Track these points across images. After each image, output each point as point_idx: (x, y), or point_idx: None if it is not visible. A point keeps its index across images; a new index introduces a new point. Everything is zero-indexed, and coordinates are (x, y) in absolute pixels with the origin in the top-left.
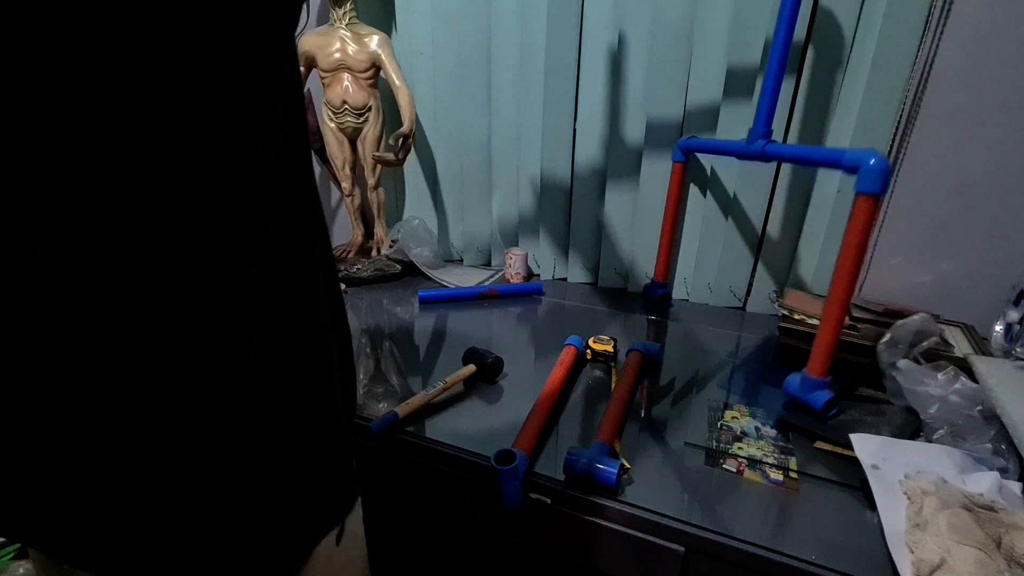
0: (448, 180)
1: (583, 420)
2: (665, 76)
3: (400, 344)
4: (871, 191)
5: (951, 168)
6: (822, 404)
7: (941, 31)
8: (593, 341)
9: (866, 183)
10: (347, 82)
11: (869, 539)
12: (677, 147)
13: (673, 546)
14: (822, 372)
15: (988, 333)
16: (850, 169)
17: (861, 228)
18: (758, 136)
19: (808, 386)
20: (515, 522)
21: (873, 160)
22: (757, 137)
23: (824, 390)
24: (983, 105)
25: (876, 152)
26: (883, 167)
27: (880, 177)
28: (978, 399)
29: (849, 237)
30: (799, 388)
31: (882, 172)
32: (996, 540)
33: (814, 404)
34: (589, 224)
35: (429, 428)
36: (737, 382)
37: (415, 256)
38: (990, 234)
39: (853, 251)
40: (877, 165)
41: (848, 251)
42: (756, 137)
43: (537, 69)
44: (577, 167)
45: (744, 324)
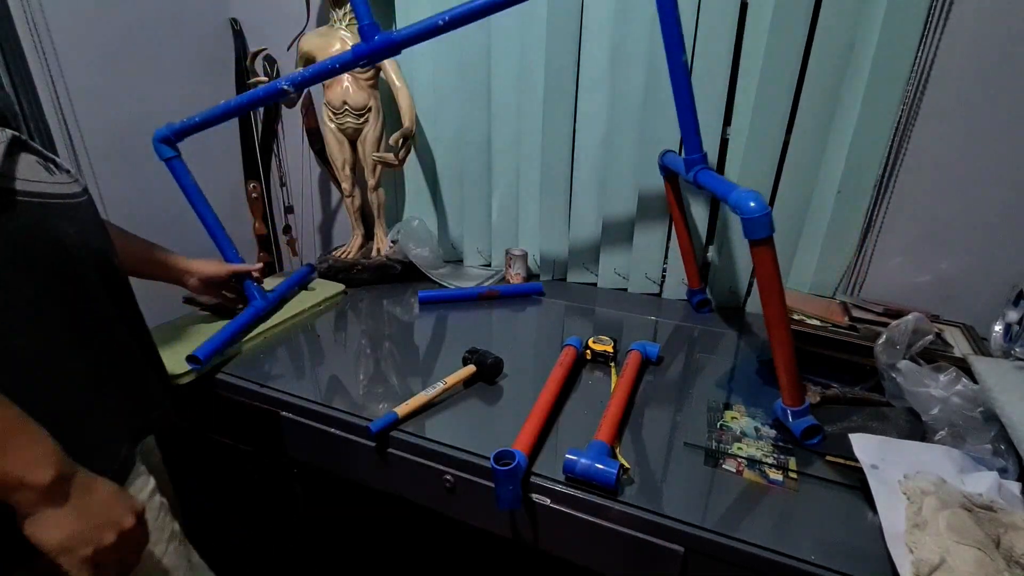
0: (448, 180)
1: (583, 420)
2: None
3: (400, 344)
4: (754, 237)
5: (951, 168)
6: (800, 431)
7: (941, 31)
8: (593, 341)
9: (749, 230)
10: (347, 83)
11: (868, 539)
12: (659, 163)
13: (673, 546)
14: (796, 400)
15: (987, 333)
16: (736, 212)
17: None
18: (693, 163)
19: (788, 414)
20: (515, 522)
21: (753, 202)
22: (693, 164)
23: (804, 418)
24: (983, 105)
25: (755, 194)
26: (760, 212)
27: (761, 223)
28: (979, 400)
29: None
30: (782, 413)
31: (762, 216)
32: (995, 540)
33: (794, 430)
34: (589, 224)
35: (429, 428)
36: (737, 382)
37: (415, 256)
38: (990, 234)
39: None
40: (757, 209)
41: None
42: (692, 164)
43: (537, 69)
44: (577, 167)
45: (744, 324)
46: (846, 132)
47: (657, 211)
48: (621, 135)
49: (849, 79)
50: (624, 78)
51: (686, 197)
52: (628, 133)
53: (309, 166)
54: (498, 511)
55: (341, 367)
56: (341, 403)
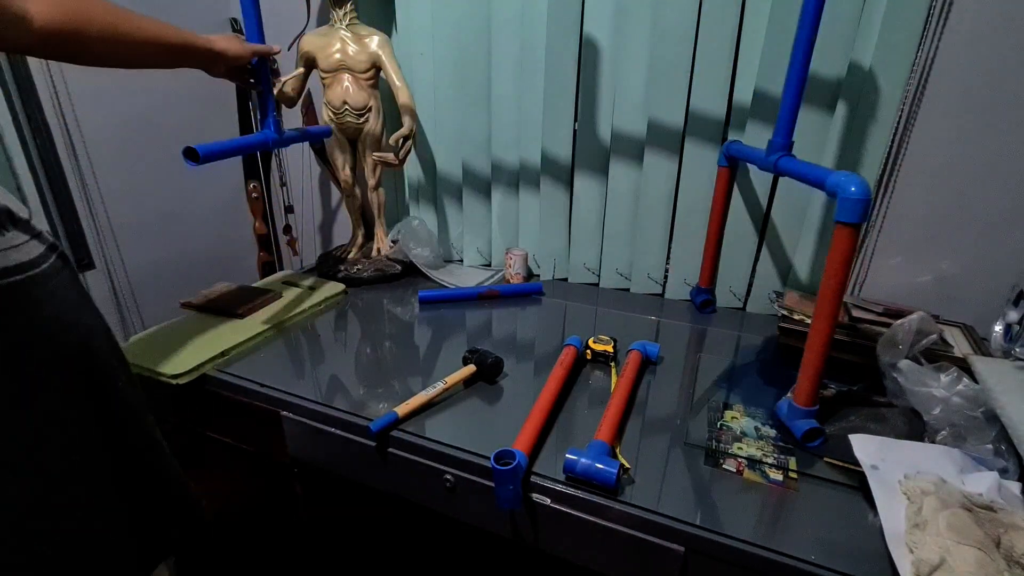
0: (448, 180)
1: (583, 420)
2: (666, 76)
3: (400, 344)
4: (846, 220)
5: (951, 168)
6: (801, 433)
7: (941, 31)
8: (593, 341)
9: (843, 211)
10: (347, 82)
11: (869, 539)
12: (721, 152)
13: (673, 546)
14: (807, 401)
15: (988, 333)
16: (831, 194)
17: (839, 260)
18: (777, 148)
19: (793, 413)
20: (515, 522)
21: (853, 187)
22: (776, 149)
23: (807, 419)
24: (983, 105)
25: (857, 178)
26: (861, 196)
27: (857, 207)
28: (981, 400)
29: (828, 268)
30: (786, 414)
31: (860, 202)
32: (995, 540)
33: (795, 431)
34: (589, 224)
35: (429, 428)
36: (737, 382)
37: (415, 256)
38: (990, 234)
39: (831, 281)
40: (857, 192)
41: (827, 282)
42: (775, 149)
43: (537, 69)
44: (577, 167)
45: (744, 324)
46: (846, 132)
47: (660, 211)
48: (622, 134)
49: (849, 79)
50: (625, 77)
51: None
52: (629, 132)
53: (309, 166)
54: (498, 511)
55: (341, 367)
56: (341, 403)
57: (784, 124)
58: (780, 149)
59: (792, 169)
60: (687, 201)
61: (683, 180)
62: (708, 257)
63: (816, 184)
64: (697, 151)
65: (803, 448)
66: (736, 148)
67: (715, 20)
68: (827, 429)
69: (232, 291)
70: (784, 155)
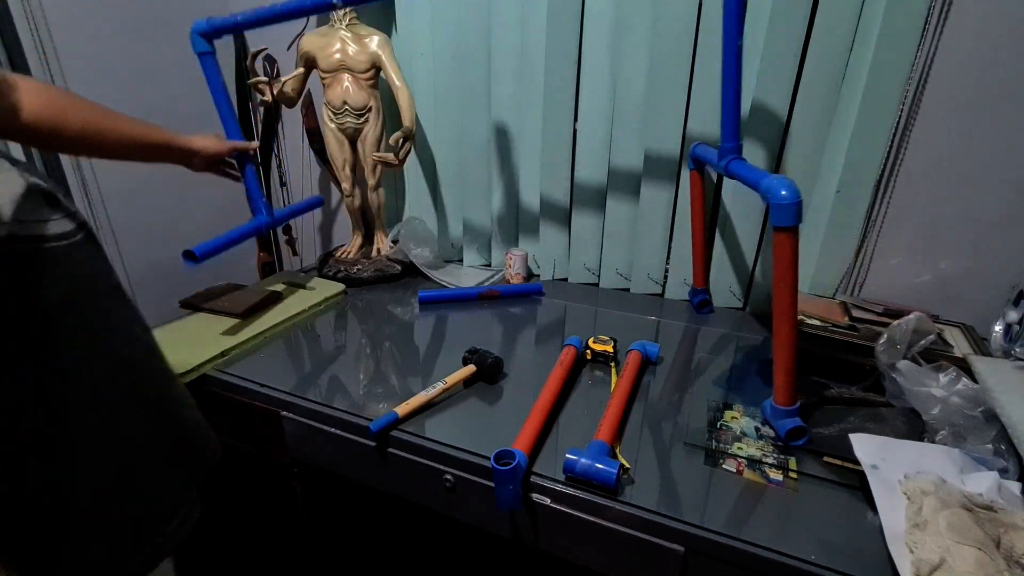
0: (448, 180)
1: (583, 420)
2: (666, 76)
3: (400, 344)
4: (780, 225)
5: (951, 168)
6: (785, 432)
7: (941, 31)
8: (593, 341)
9: (776, 216)
10: (347, 83)
11: (869, 539)
12: (690, 155)
13: (673, 546)
14: (787, 400)
15: (988, 333)
16: (764, 199)
17: (783, 265)
18: (726, 152)
19: (776, 413)
20: (515, 522)
21: (784, 191)
22: (725, 153)
23: (790, 418)
24: (982, 105)
25: (786, 181)
26: (791, 200)
27: (789, 211)
28: (980, 400)
29: (776, 273)
30: (770, 414)
31: (792, 205)
32: (995, 540)
33: (779, 431)
34: (589, 224)
35: (429, 428)
36: (737, 382)
37: (415, 256)
38: (990, 234)
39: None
40: (788, 197)
41: (777, 286)
42: (724, 154)
43: (537, 69)
44: (577, 167)
45: (744, 324)
46: (845, 132)
47: (660, 211)
48: (622, 134)
49: (848, 79)
50: (625, 77)
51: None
52: (629, 132)
53: (309, 166)
54: (498, 511)
55: (341, 367)
56: (341, 403)
57: (729, 127)
58: (729, 153)
59: (738, 172)
60: (686, 200)
61: (683, 180)
62: (697, 258)
63: (754, 187)
64: None
65: (790, 447)
66: (700, 151)
67: (715, 17)
68: (828, 430)
69: (232, 291)
70: (734, 159)
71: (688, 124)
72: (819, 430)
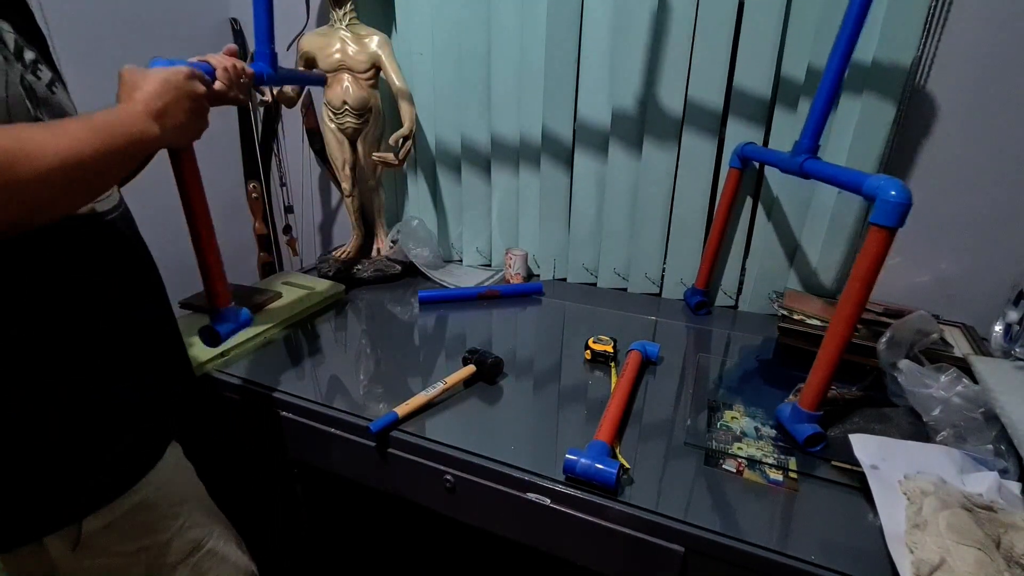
0: (448, 180)
1: (583, 420)
2: (665, 77)
3: (400, 344)
4: (882, 223)
5: (951, 168)
6: (804, 438)
7: (941, 31)
8: (593, 341)
9: (879, 214)
10: (347, 83)
11: (869, 539)
12: (735, 153)
13: (673, 546)
14: (813, 405)
15: (988, 333)
16: (868, 198)
17: (870, 262)
18: (802, 151)
19: (796, 416)
20: (515, 522)
21: (893, 191)
22: (801, 151)
23: (810, 424)
24: (982, 105)
25: (898, 183)
26: (902, 200)
27: (896, 210)
28: (980, 401)
29: (857, 269)
30: (788, 417)
31: (900, 206)
32: (995, 540)
33: (797, 436)
34: (589, 224)
35: (429, 428)
36: (737, 382)
37: (415, 256)
38: (990, 234)
39: (858, 283)
40: (897, 197)
41: (854, 283)
42: (800, 151)
43: (537, 69)
44: (577, 167)
45: (744, 324)
46: (846, 131)
47: (657, 211)
48: (621, 134)
49: (849, 78)
50: (624, 77)
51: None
52: (628, 132)
53: (309, 166)
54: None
55: (341, 367)
56: (341, 403)
57: (812, 126)
58: (806, 151)
59: (821, 172)
60: (683, 200)
61: (680, 179)
62: (708, 259)
63: (850, 188)
64: (694, 151)
65: (806, 452)
66: (752, 150)
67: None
68: (830, 431)
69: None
70: (809, 157)
71: (685, 124)
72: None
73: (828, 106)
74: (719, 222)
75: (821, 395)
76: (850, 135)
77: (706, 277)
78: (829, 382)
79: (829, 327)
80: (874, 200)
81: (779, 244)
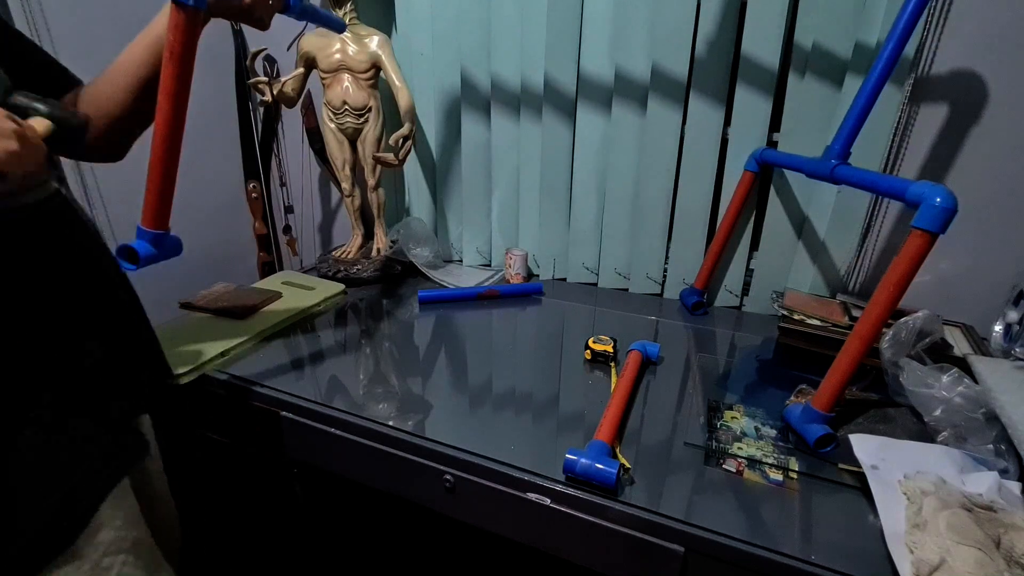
0: (448, 180)
1: (583, 420)
2: (665, 77)
3: (400, 344)
4: (927, 228)
5: (951, 168)
6: (815, 439)
7: (941, 31)
8: (593, 341)
9: (925, 219)
10: (347, 83)
11: (869, 539)
12: (753, 157)
13: (673, 546)
14: (827, 407)
15: (987, 333)
16: (912, 204)
17: (908, 265)
18: (833, 156)
19: (808, 416)
20: (515, 522)
21: (939, 198)
22: (832, 157)
23: (822, 424)
24: (982, 105)
25: (944, 189)
26: (948, 206)
27: (941, 216)
28: (982, 401)
29: (893, 272)
30: (798, 418)
31: (945, 211)
32: (995, 540)
33: (807, 437)
34: (589, 224)
35: (429, 428)
36: (737, 382)
37: (415, 256)
38: (990, 234)
39: (892, 287)
40: (943, 203)
41: (887, 286)
42: (831, 156)
43: (537, 68)
44: (577, 167)
45: (744, 324)
46: None
47: (658, 211)
48: (621, 135)
49: (848, 78)
50: (625, 78)
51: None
52: (628, 133)
53: (309, 166)
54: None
55: (341, 367)
56: (341, 403)
57: (847, 131)
58: (837, 156)
59: (855, 178)
60: (686, 200)
61: (681, 178)
62: (711, 259)
63: (892, 195)
64: (695, 151)
65: (816, 454)
66: (772, 155)
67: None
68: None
69: (232, 291)
70: (840, 164)
71: (687, 124)
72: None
73: (866, 112)
74: (727, 224)
75: (837, 396)
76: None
77: (706, 278)
78: (847, 384)
79: (855, 328)
80: (919, 206)
81: (779, 244)
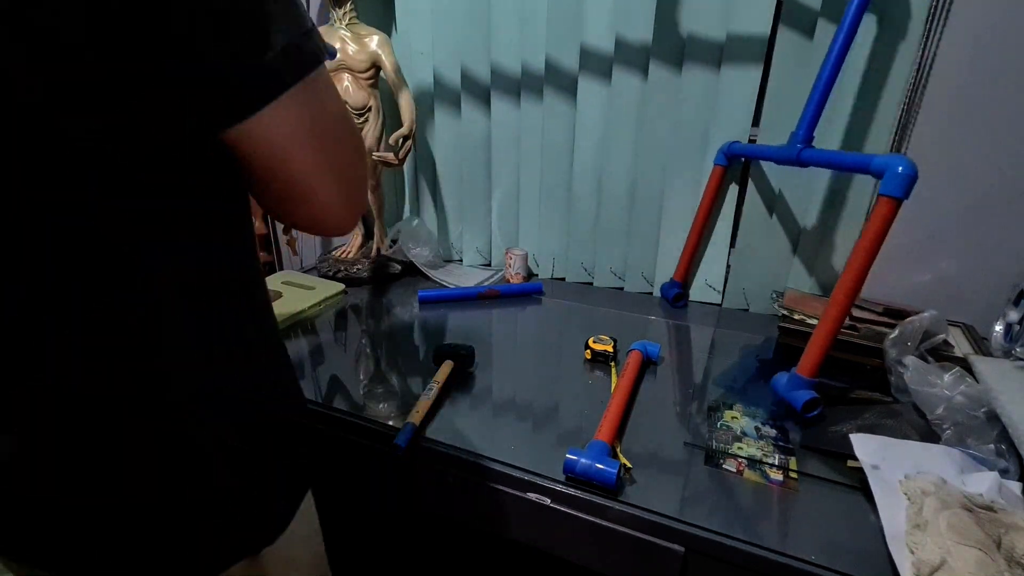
0: (448, 180)
1: (583, 420)
2: (665, 75)
3: (400, 344)
4: (892, 194)
5: (950, 167)
6: (802, 403)
7: (941, 31)
8: (593, 341)
9: (890, 186)
10: (347, 82)
11: (869, 539)
12: (720, 151)
13: (673, 546)
14: (812, 372)
15: (988, 333)
16: (877, 174)
17: (877, 229)
18: (798, 141)
19: (794, 383)
20: (515, 522)
21: (901, 167)
22: (797, 142)
23: (807, 390)
24: (983, 105)
25: (905, 159)
26: (909, 172)
27: (904, 182)
28: (983, 400)
29: (864, 238)
30: (785, 385)
31: (908, 177)
32: (996, 540)
33: (795, 403)
34: (589, 224)
35: (429, 429)
36: (737, 382)
37: (415, 256)
38: (990, 234)
39: (864, 252)
40: (904, 170)
41: (860, 251)
42: (796, 142)
43: (537, 69)
44: (576, 167)
45: (745, 325)
46: (847, 130)
47: (652, 212)
48: (619, 135)
49: (848, 78)
50: (624, 78)
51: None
52: (628, 132)
53: None
54: (498, 511)
55: (341, 367)
56: (341, 403)
57: (809, 116)
58: (801, 141)
59: (822, 158)
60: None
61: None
62: (688, 252)
63: (858, 168)
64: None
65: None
66: (740, 147)
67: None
68: (842, 428)
69: None
70: (805, 147)
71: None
72: (834, 428)
73: (824, 97)
74: (700, 218)
75: (820, 360)
76: (851, 135)
77: (684, 270)
78: (828, 347)
79: (832, 295)
80: (882, 175)
81: (779, 244)
